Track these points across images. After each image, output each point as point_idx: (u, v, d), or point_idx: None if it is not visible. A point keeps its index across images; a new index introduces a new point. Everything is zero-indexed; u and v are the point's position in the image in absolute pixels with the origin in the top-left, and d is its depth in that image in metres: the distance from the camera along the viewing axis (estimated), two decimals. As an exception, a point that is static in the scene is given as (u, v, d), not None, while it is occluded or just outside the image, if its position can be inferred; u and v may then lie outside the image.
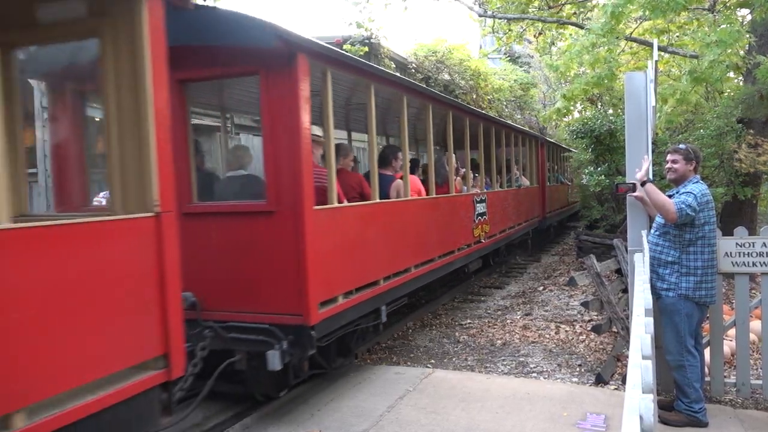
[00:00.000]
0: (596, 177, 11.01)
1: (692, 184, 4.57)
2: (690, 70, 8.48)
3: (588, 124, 11.96)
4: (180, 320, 3.11)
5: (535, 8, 12.56)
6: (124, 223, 2.86)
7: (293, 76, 4.37)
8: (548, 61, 12.07)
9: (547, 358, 6.59)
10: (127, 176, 2.98)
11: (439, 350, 7.03)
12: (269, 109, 4.45)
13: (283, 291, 4.44)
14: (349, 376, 5.71)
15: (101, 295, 2.69)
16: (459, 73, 16.59)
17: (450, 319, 8.46)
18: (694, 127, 11.27)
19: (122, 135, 2.98)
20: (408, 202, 6.43)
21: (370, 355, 6.72)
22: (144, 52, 2.89)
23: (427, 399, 5.04)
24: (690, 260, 4.51)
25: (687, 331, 4.53)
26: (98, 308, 2.67)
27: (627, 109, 5.15)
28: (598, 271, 6.26)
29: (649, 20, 10.75)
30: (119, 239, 2.81)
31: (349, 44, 12.84)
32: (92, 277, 2.66)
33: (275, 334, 4.37)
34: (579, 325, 7.88)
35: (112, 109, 2.98)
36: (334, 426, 4.56)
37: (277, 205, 4.45)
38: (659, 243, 4.66)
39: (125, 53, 2.94)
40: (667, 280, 4.56)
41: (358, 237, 5.33)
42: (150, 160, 2.92)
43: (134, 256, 2.87)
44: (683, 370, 4.52)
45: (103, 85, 3.00)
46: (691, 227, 4.51)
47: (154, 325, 2.94)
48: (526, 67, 24.62)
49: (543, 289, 10.52)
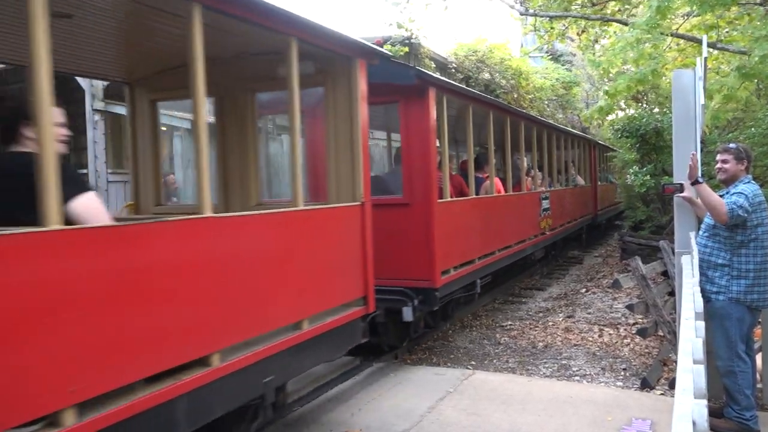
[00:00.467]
0: (641, 177, 10.71)
1: (743, 184, 4.43)
2: (738, 65, 8.22)
3: (633, 122, 11.69)
4: (373, 274, 4.63)
5: (578, 5, 12.36)
6: (348, 209, 4.45)
7: (425, 103, 5.91)
8: (591, 58, 11.85)
9: (590, 362, 6.48)
10: (341, 178, 4.49)
11: (480, 351, 6.99)
12: (406, 127, 5.99)
13: (415, 262, 5.95)
14: (389, 376, 5.72)
15: (338, 252, 4.31)
16: (500, 73, 16.45)
17: (490, 321, 8.40)
18: (744, 126, 10.90)
19: (339, 150, 4.49)
20: (494, 198, 7.96)
21: (410, 356, 6.72)
22: (355, 94, 4.46)
23: (468, 400, 5.02)
24: (741, 263, 4.37)
25: (738, 336, 4.39)
26: (338, 260, 4.31)
27: (674, 108, 5.02)
28: (643, 273, 6.13)
29: (697, 16, 10.47)
30: (345, 217, 4.42)
31: (389, 44, 12.83)
32: (334, 241, 4.29)
33: (409, 294, 5.83)
34: (623, 329, 7.72)
35: (331, 132, 4.50)
36: (374, 425, 4.58)
37: (412, 198, 5.97)
38: (709, 245, 4.53)
39: (342, 95, 4.49)
40: (718, 283, 4.43)
41: (462, 224, 6.82)
42: (358, 167, 4.46)
43: (350, 229, 4.45)
44: (734, 376, 4.38)
45: (326, 116, 4.52)
46: (743, 229, 4.37)
47: (359, 275, 4.53)
48: (568, 66, 24.23)
49: (585, 291, 10.35)
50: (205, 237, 3.14)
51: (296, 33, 3.81)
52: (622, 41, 9.02)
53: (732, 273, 4.39)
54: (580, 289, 10.48)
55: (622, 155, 13.56)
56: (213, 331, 3.14)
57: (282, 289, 3.74)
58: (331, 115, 4.52)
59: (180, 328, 2.96)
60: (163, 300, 2.88)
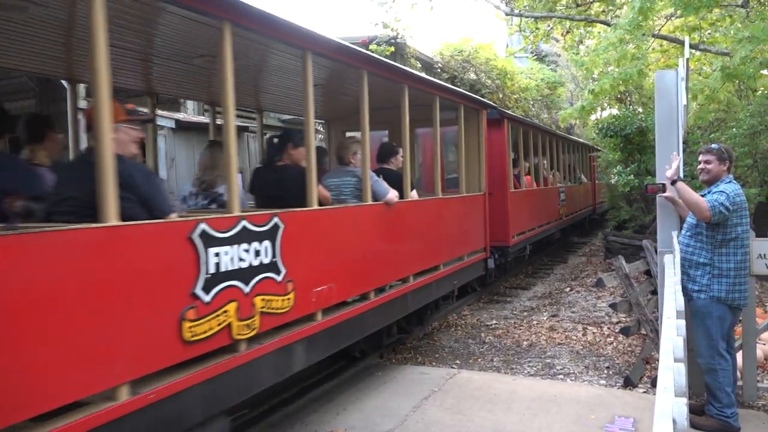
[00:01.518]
0: (625, 177, 10.78)
1: (725, 183, 4.47)
2: (721, 66, 8.30)
3: (617, 122, 11.76)
4: (488, 235, 8.09)
5: (562, 6, 12.42)
6: (478, 197, 7.80)
7: (502, 130, 9.60)
8: (575, 58, 11.91)
9: (574, 360, 6.52)
10: (472, 178, 7.74)
11: (465, 351, 7.00)
12: (490, 146, 8.65)
13: (498, 229, 9.00)
14: (374, 375, 5.72)
15: (473, 221, 7.68)
16: (485, 73, 16.50)
17: (475, 320, 8.42)
18: (726, 126, 11.02)
19: (469, 161, 7.69)
20: (535, 190, 11.59)
21: (396, 355, 6.72)
22: (481, 130, 7.95)
23: (453, 399, 5.02)
24: (722, 262, 4.42)
25: (719, 334, 4.44)
26: (473, 226, 7.71)
27: (657, 108, 5.06)
28: (627, 273, 6.16)
29: (680, 17, 10.56)
30: (475, 202, 7.71)
31: (375, 44, 12.81)
32: (470, 215, 7.61)
33: (492, 251, 8.65)
34: (606, 327, 7.77)
35: (463, 150, 7.38)
36: (359, 425, 4.57)
37: (492, 189, 8.80)
38: (691, 244, 4.57)
39: (472, 130, 7.80)
40: (699, 282, 4.48)
41: (521, 206, 10.31)
42: (482, 171, 7.92)
43: (479, 209, 7.78)
44: (715, 374, 4.43)
45: (460, 141, 7.36)
46: (724, 228, 4.41)
47: (482, 234, 7.96)
48: (553, 66, 24.35)
49: (570, 290, 10.41)
50: (405, 212, 5.71)
51: (439, 93, 6.51)
52: (605, 41, 9.08)
53: (713, 272, 4.44)
54: (565, 288, 10.54)
55: (606, 155, 13.64)
56: (410, 265, 5.73)
57: (444, 242, 6.66)
58: (464, 142, 7.40)
59: (394, 264, 5.47)
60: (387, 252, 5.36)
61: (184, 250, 3.04)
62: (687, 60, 5.86)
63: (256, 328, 3.52)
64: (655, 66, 11.30)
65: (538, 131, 12.49)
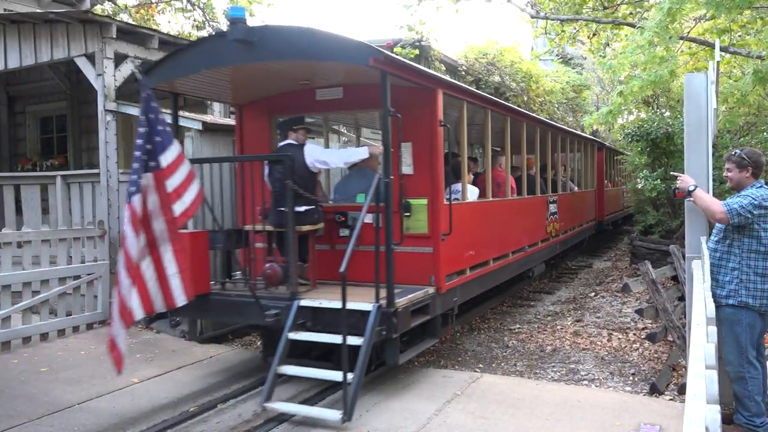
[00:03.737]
0: (652, 181, 10.64)
1: (753, 188, 4.39)
2: (754, 69, 8.16)
3: (644, 126, 11.61)
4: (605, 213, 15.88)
5: (589, 9, 12.31)
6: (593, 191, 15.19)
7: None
8: (601, 61, 11.78)
9: (599, 366, 6.45)
10: (588, 178, 14.67)
11: (488, 354, 6.97)
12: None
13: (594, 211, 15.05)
14: (397, 378, 5.72)
15: (587, 204, 14.52)
16: (510, 75, 16.41)
17: (498, 324, 8.38)
18: (757, 130, 10.82)
19: (587, 170, 15.00)
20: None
21: (418, 358, 6.72)
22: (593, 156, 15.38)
23: (475, 404, 5.01)
24: (751, 267, 4.34)
25: (748, 342, 4.36)
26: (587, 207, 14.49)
27: (686, 112, 4.99)
28: (653, 278, 6.09)
29: (709, 20, 10.40)
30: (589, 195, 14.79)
31: (399, 47, 12.83)
32: (587, 200, 14.55)
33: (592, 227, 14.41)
34: (632, 333, 7.68)
35: (582, 165, 14.56)
36: (382, 427, 4.58)
37: (592, 187, 14.91)
38: (719, 249, 4.50)
39: (588, 155, 15.05)
40: (728, 288, 4.40)
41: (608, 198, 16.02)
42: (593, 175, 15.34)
43: (591, 197, 14.92)
44: (744, 382, 4.35)
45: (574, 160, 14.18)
46: (753, 232, 4.33)
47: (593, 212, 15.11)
48: (578, 69, 24.15)
49: (594, 295, 10.30)
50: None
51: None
52: (633, 44, 8.96)
53: (742, 277, 4.36)
54: (589, 293, 10.44)
55: (632, 159, 13.49)
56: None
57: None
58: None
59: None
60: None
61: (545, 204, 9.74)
62: (717, 63, 5.77)
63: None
64: (684, 69, 11.13)
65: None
